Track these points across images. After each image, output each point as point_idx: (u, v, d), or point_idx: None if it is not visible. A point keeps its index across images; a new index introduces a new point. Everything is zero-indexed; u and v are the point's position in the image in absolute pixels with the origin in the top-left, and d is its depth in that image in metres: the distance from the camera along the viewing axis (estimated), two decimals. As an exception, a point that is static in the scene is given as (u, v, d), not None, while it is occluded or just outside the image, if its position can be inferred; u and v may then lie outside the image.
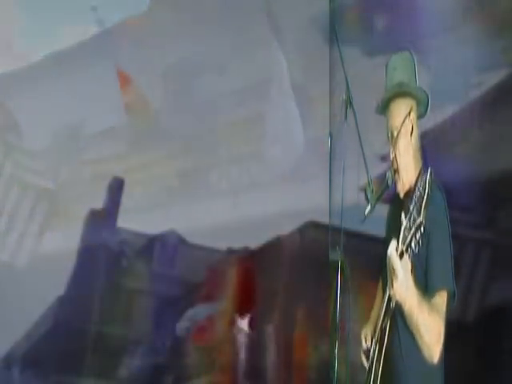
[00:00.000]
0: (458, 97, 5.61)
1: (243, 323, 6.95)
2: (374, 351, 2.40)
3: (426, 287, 2.29)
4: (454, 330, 2.35)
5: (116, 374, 7.06)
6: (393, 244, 2.12)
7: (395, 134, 2.55)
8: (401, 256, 2.11)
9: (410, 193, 2.41)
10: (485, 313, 5.37)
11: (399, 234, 2.13)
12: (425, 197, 2.07)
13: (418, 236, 2.07)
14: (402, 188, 2.55)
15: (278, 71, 6.50)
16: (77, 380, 6.82)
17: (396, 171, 2.54)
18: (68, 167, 6.74)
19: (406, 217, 2.10)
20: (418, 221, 2.06)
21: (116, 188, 7.27)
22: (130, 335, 7.27)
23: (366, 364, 2.55)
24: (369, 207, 2.78)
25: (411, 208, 2.09)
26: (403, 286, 2.13)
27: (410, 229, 2.08)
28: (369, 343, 2.58)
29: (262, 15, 6.46)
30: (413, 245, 2.09)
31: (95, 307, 6.98)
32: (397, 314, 2.32)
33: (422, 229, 2.07)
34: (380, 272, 2.66)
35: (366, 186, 2.84)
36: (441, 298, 2.31)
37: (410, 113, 2.54)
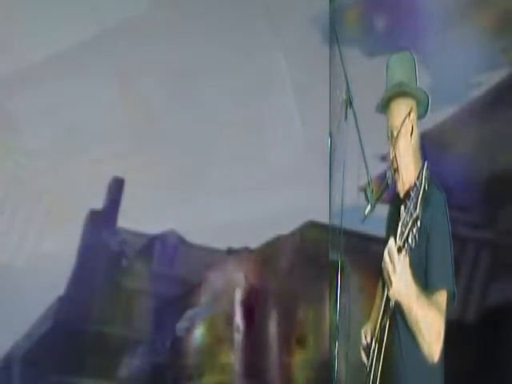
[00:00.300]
0: (458, 97, 5.62)
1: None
2: (374, 350, 2.40)
3: (425, 287, 2.29)
4: (454, 330, 2.34)
5: (116, 373, 7.06)
6: (391, 240, 2.12)
7: (395, 133, 2.55)
8: (398, 251, 2.11)
9: (409, 192, 2.41)
10: (485, 313, 5.37)
11: (397, 229, 2.12)
12: (421, 191, 2.07)
13: (414, 230, 2.07)
14: (401, 188, 2.55)
15: (278, 71, 6.50)
16: (77, 380, 6.82)
17: (396, 171, 2.54)
18: (68, 167, 6.74)
19: (403, 212, 2.10)
20: (415, 215, 2.05)
21: (116, 188, 7.27)
22: (129, 335, 7.28)
23: (365, 361, 2.55)
24: (369, 207, 2.78)
25: (408, 204, 2.09)
26: (401, 281, 2.13)
27: (407, 224, 2.08)
28: (369, 339, 2.57)
29: (262, 15, 6.46)
30: (410, 240, 2.08)
31: (95, 307, 6.99)
32: (396, 313, 2.32)
33: (419, 223, 2.06)
34: (380, 272, 2.66)
35: (366, 186, 2.84)
36: (441, 297, 2.31)
37: (410, 113, 2.55)
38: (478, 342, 4.98)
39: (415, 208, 2.05)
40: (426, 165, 2.14)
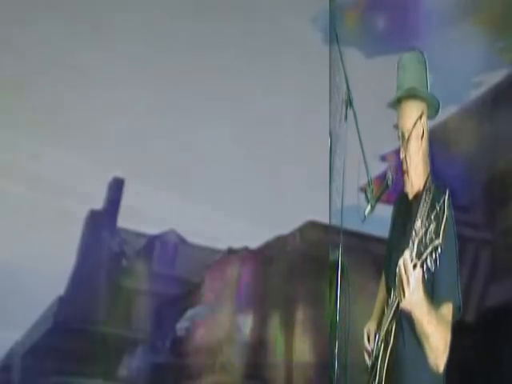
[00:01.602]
0: (458, 97, 5.62)
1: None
2: (379, 350, 2.41)
3: (432, 297, 2.30)
4: (454, 330, 2.35)
5: (116, 373, 7.06)
6: (407, 254, 2.14)
7: (406, 135, 2.55)
8: (414, 267, 2.13)
9: (418, 196, 2.41)
10: (485, 313, 5.38)
11: (413, 245, 2.14)
12: (444, 219, 2.08)
13: (434, 255, 2.10)
14: (410, 190, 2.54)
15: (279, 72, 6.51)
16: (77, 380, 6.82)
17: (406, 172, 2.54)
18: (68, 167, 6.74)
19: (420, 229, 2.12)
20: (437, 242, 2.08)
21: (116, 188, 7.26)
22: (129, 335, 7.27)
23: (368, 361, 2.55)
24: (369, 207, 2.77)
25: (426, 224, 2.11)
26: (414, 295, 2.15)
27: (427, 245, 2.10)
28: (372, 342, 2.58)
29: (262, 16, 6.47)
30: (429, 262, 2.11)
31: (95, 307, 6.99)
32: (403, 318, 2.33)
33: (440, 250, 2.09)
34: (380, 271, 2.66)
35: (366, 186, 2.83)
36: (447, 309, 2.33)
37: (421, 116, 2.54)
38: (478, 342, 4.98)
39: (437, 235, 2.07)
40: (448, 192, 2.14)
